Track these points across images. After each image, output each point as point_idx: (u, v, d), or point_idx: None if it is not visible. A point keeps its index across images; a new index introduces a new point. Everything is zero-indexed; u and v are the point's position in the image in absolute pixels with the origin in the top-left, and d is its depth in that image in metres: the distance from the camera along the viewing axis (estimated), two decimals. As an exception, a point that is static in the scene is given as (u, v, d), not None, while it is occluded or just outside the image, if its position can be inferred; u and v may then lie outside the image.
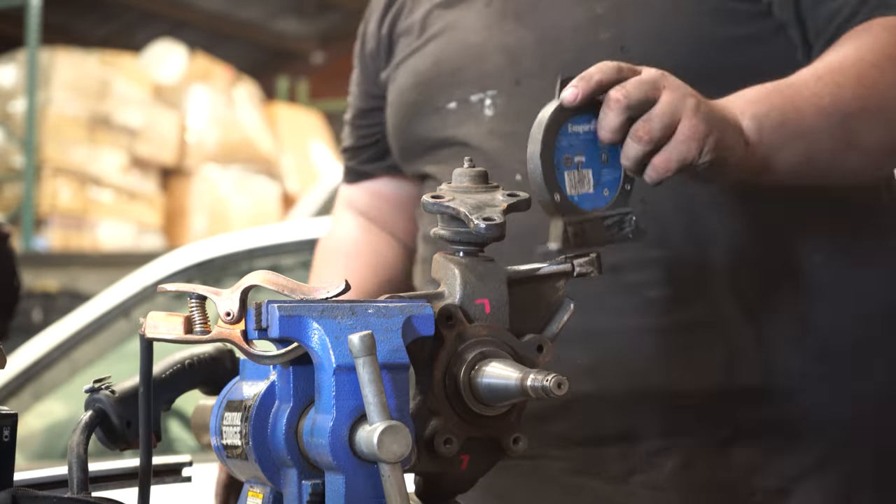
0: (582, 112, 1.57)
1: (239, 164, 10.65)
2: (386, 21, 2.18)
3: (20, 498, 1.44)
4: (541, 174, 1.54)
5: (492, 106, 1.97)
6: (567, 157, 1.56)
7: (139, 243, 10.07)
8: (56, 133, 9.83)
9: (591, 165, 1.57)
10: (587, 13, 1.92)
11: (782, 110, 1.69)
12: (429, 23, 2.10)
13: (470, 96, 1.99)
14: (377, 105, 2.21)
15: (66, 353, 4.22)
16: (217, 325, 1.40)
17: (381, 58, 2.18)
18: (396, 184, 2.26)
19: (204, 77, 10.88)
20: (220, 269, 4.25)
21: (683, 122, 1.55)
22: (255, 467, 1.45)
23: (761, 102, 1.68)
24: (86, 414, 1.59)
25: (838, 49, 1.81)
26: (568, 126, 1.56)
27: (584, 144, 1.57)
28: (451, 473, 1.47)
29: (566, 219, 1.54)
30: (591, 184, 1.56)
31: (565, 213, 1.54)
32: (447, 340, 1.44)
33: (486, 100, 1.98)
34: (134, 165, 10.21)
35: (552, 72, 1.89)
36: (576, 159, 1.56)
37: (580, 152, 1.56)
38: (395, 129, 2.13)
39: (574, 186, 1.56)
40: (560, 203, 1.54)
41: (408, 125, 2.09)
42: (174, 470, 1.78)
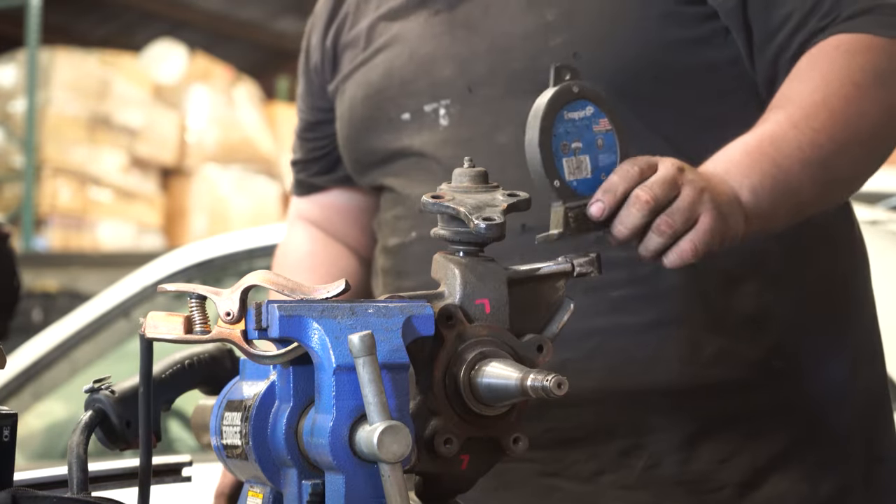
0: (576, 99, 1.58)
1: (239, 164, 10.65)
2: (329, 34, 2.18)
3: (20, 498, 1.44)
4: (540, 161, 1.55)
5: (446, 115, 1.98)
6: (564, 143, 1.57)
7: (139, 243, 10.07)
8: (56, 133, 9.83)
9: (588, 151, 1.59)
10: (537, 20, 1.93)
11: (773, 176, 1.72)
12: (374, 34, 2.10)
13: (423, 106, 2.00)
14: (325, 118, 2.22)
15: (66, 353, 4.22)
16: (217, 325, 1.40)
17: (327, 70, 2.19)
18: (348, 195, 2.27)
19: (204, 77, 10.88)
20: (220, 269, 4.24)
21: (703, 216, 1.61)
22: (255, 467, 1.45)
23: (753, 172, 1.71)
24: (86, 414, 1.59)
25: (802, 81, 1.82)
26: (564, 113, 1.58)
27: (580, 130, 1.58)
28: (451, 473, 1.47)
29: (567, 205, 1.55)
30: (589, 169, 1.58)
31: (565, 198, 1.56)
32: (447, 340, 1.44)
33: (440, 109, 1.99)
34: (134, 165, 10.21)
35: (503, 79, 1.93)
36: (573, 145, 1.58)
37: (577, 138, 1.58)
38: (348, 142, 2.14)
39: (572, 172, 1.57)
40: (560, 189, 1.56)
41: (361, 138, 2.10)
42: (174, 470, 1.78)
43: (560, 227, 1.56)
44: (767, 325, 1.92)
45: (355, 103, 2.10)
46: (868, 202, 4.08)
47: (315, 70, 2.22)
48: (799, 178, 1.75)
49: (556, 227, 1.56)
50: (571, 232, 1.55)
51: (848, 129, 1.79)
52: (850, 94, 1.80)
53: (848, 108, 1.79)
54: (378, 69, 2.07)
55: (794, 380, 1.93)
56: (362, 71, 2.10)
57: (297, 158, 2.32)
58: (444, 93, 1.99)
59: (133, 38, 12.75)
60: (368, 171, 2.11)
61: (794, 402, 1.93)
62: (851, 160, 1.82)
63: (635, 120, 1.83)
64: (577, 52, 1.89)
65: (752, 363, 1.91)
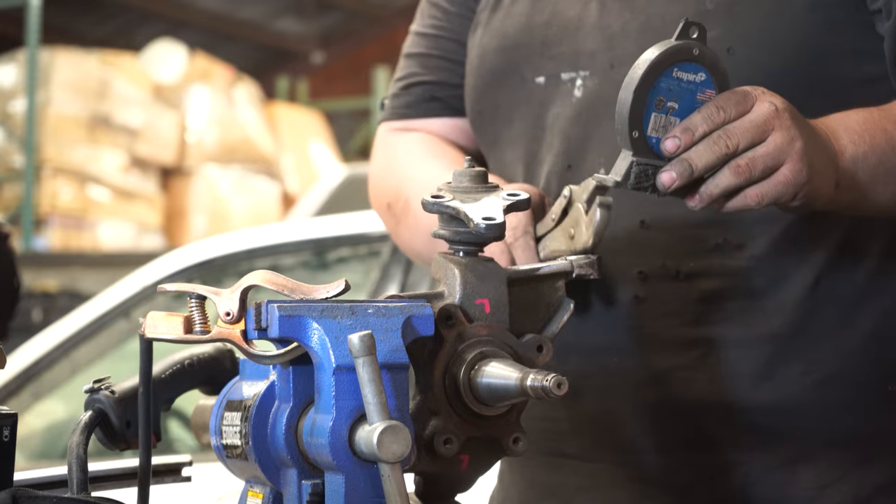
0: (692, 60, 1.55)
1: (239, 164, 10.66)
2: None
3: (20, 498, 1.44)
4: (628, 107, 1.52)
5: (582, 87, 1.87)
6: (661, 98, 1.53)
7: (139, 243, 10.08)
8: (56, 133, 9.84)
9: (682, 115, 1.54)
10: (697, 6, 1.82)
11: (882, 151, 1.67)
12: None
13: (561, 73, 1.89)
14: None
15: (66, 353, 4.22)
16: (217, 325, 1.40)
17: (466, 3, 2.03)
18: None
19: (204, 77, 10.88)
20: (220, 269, 4.25)
21: (787, 166, 1.56)
22: (255, 467, 1.45)
23: (863, 141, 1.66)
24: (86, 414, 1.59)
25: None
26: (674, 69, 1.54)
27: (683, 93, 1.54)
28: (451, 473, 1.47)
29: (636, 157, 1.53)
30: None
31: (638, 151, 1.53)
32: (447, 340, 1.44)
33: (577, 80, 1.88)
34: (134, 165, 10.22)
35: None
36: (669, 104, 1.54)
37: (676, 98, 1.54)
38: (474, 91, 1.98)
39: (657, 129, 1.54)
40: (636, 140, 1.52)
41: (488, 91, 1.96)
42: (174, 470, 1.78)
43: (619, 177, 1.52)
44: (886, 349, 1.83)
45: (486, 53, 1.96)
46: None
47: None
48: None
49: (616, 175, 1.53)
50: (629, 186, 1.52)
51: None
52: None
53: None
54: (516, 21, 1.94)
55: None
56: (498, 17, 1.96)
57: (432, 79, 2.04)
58: (584, 63, 1.87)
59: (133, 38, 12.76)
60: (488, 128, 1.97)
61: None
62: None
63: None
64: (731, 48, 1.79)
65: (865, 386, 1.82)
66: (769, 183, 1.56)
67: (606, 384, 1.83)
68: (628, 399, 1.82)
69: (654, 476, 1.84)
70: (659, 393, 1.81)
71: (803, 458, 1.81)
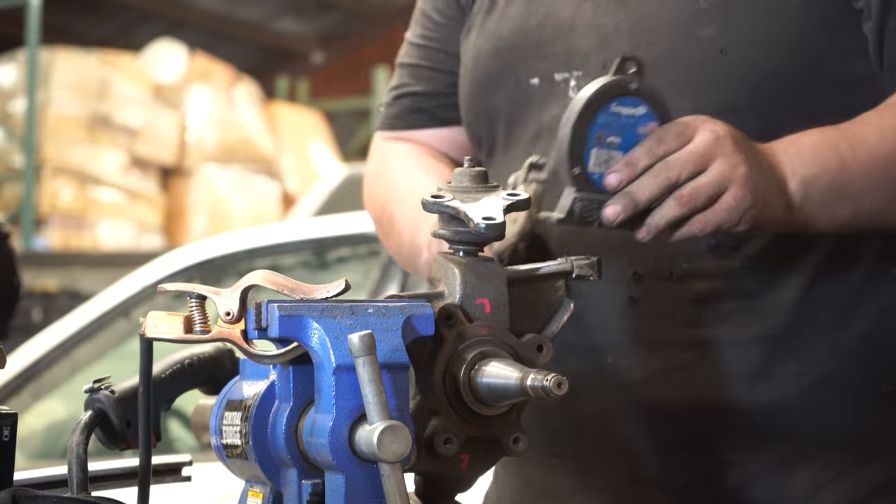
0: (631, 94, 1.55)
1: (239, 164, 10.65)
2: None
3: (20, 498, 1.44)
4: (567, 145, 1.52)
5: (576, 87, 1.86)
6: (601, 133, 1.54)
7: (139, 243, 10.08)
8: (56, 133, 9.84)
9: (624, 148, 1.55)
10: (691, 6, 1.81)
11: (834, 173, 1.66)
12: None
13: (555, 74, 1.89)
14: None
15: (66, 353, 4.23)
16: (217, 325, 1.40)
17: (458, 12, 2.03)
18: None
19: (204, 77, 10.88)
20: (220, 269, 4.25)
21: (730, 192, 1.57)
22: (255, 467, 1.45)
23: (815, 163, 1.66)
24: (86, 414, 1.59)
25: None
26: (612, 104, 1.54)
27: (623, 127, 1.55)
28: (451, 473, 1.47)
29: (579, 194, 1.53)
30: None
31: (580, 187, 1.53)
32: (447, 340, 1.44)
33: (570, 80, 1.87)
34: (134, 165, 10.22)
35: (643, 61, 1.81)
36: (609, 139, 1.54)
37: (616, 133, 1.55)
38: (469, 95, 1.99)
39: (598, 164, 1.54)
40: (577, 176, 1.53)
41: (483, 94, 1.96)
42: (174, 470, 1.78)
43: (563, 214, 1.53)
44: (881, 350, 1.83)
45: (480, 55, 1.96)
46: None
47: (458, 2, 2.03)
48: (863, 185, 1.68)
49: (559, 212, 1.54)
50: (573, 221, 1.53)
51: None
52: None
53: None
54: (510, 23, 1.94)
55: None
56: (493, 19, 1.97)
57: (421, 90, 2.06)
58: (578, 63, 1.86)
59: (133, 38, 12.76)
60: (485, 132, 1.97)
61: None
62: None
63: (772, 128, 1.73)
64: (724, 48, 1.78)
65: (861, 387, 1.82)
66: (713, 211, 1.57)
67: (602, 385, 1.83)
68: (623, 400, 1.82)
69: (649, 477, 1.84)
70: (654, 394, 1.81)
71: (799, 458, 1.82)
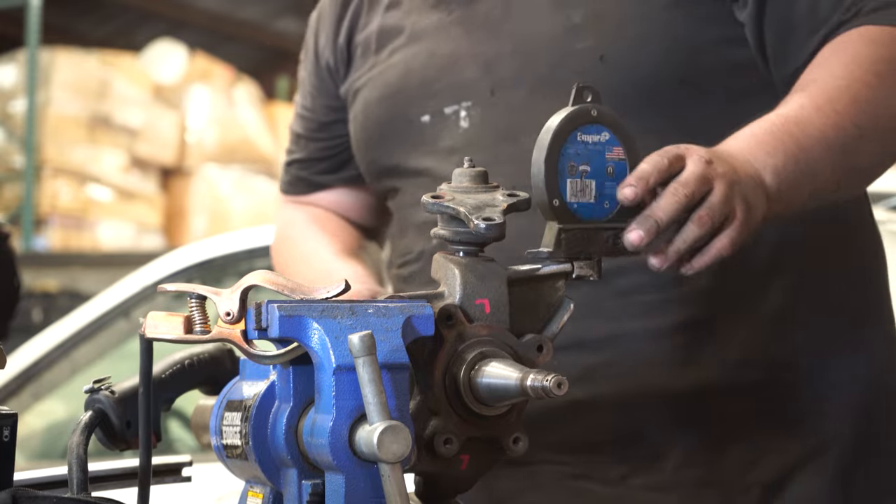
0: (593, 122, 1.57)
1: (239, 164, 10.65)
2: (341, 33, 2.14)
3: (20, 498, 1.44)
4: (543, 178, 1.54)
5: (467, 118, 1.94)
6: (572, 164, 1.55)
7: (139, 243, 10.07)
8: (56, 133, 9.84)
9: (596, 177, 1.56)
10: (564, 21, 1.90)
11: (795, 157, 1.70)
12: (388, 34, 2.06)
13: (444, 108, 1.96)
14: (338, 117, 2.17)
15: (66, 353, 4.23)
16: (217, 325, 1.40)
17: (341, 70, 2.15)
18: (355, 194, 2.23)
19: (204, 77, 10.87)
20: (220, 269, 4.25)
21: (737, 211, 1.59)
22: (255, 467, 1.45)
23: (777, 152, 1.69)
24: (86, 414, 1.59)
25: (825, 67, 1.81)
26: (577, 134, 1.56)
27: (592, 155, 1.56)
28: (451, 473, 1.47)
29: (562, 225, 1.54)
30: (593, 194, 1.56)
31: (562, 219, 1.54)
32: (447, 340, 1.44)
33: (461, 111, 1.95)
34: (134, 165, 10.22)
35: (528, 82, 1.90)
36: (580, 168, 1.56)
37: (586, 161, 1.56)
38: (364, 145, 2.09)
39: (575, 194, 1.55)
40: (557, 208, 1.54)
41: (378, 140, 2.05)
42: (174, 470, 1.79)
43: (551, 247, 1.54)
44: (793, 326, 1.91)
45: (370, 105, 2.06)
46: (868, 202, 4.08)
47: (328, 70, 2.17)
48: (821, 161, 1.73)
49: (547, 246, 1.55)
50: (562, 253, 1.54)
51: (870, 116, 1.78)
52: (873, 83, 1.79)
53: (871, 97, 1.78)
54: (395, 69, 2.03)
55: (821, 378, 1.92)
56: (378, 70, 2.06)
57: (299, 157, 2.26)
58: (465, 94, 1.95)
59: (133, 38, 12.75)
60: (386, 176, 2.07)
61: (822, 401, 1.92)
62: (872, 148, 1.81)
63: (661, 123, 1.82)
64: (603, 55, 1.86)
65: (780, 363, 1.91)
66: (733, 228, 1.59)
67: None
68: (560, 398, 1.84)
69: (588, 472, 1.89)
70: (587, 390, 1.86)
71: (729, 437, 1.89)
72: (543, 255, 1.54)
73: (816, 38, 1.85)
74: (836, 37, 1.84)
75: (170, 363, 1.67)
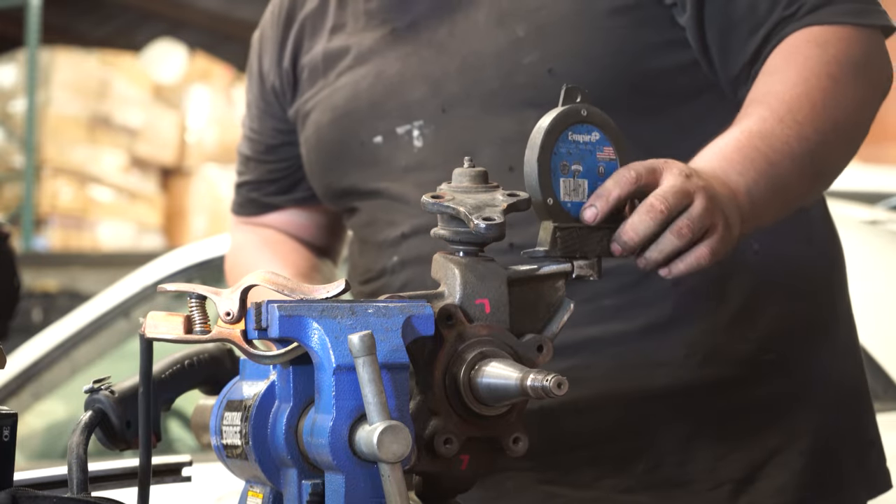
0: (583, 122, 1.57)
1: (239, 165, 10.63)
2: (285, 56, 2.15)
3: (20, 498, 1.44)
4: (536, 177, 1.54)
5: (420, 137, 1.95)
6: (564, 163, 1.56)
7: (139, 243, 10.07)
8: (56, 133, 9.83)
9: (588, 176, 1.57)
10: (508, 36, 1.91)
11: (766, 174, 1.72)
12: (333, 56, 2.06)
13: (396, 128, 1.97)
14: (287, 140, 2.18)
15: (66, 353, 4.22)
16: (217, 325, 1.41)
17: (287, 94, 2.15)
18: (307, 214, 2.24)
19: (204, 77, 10.87)
20: (219, 269, 4.23)
21: (717, 225, 1.60)
22: (255, 467, 1.45)
23: (748, 170, 1.70)
24: (86, 414, 1.59)
25: (778, 76, 1.83)
26: (568, 133, 1.57)
27: (583, 154, 1.57)
28: (451, 473, 1.47)
29: (557, 224, 1.54)
30: (586, 193, 1.57)
31: (556, 217, 1.55)
32: (447, 340, 1.44)
33: (413, 130, 1.96)
34: (134, 165, 10.21)
35: (478, 99, 1.91)
36: (573, 167, 1.57)
37: (578, 161, 1.57)
38: (318, 167, 2.10)
39: (568, 193, 1.56)
40: (552, 207, 1.55)
41: (332, 163, 2.06)
42: (174, 470, 1.79)
43: (547, 246, 1.55)
44: (755, 322, 1.94)
45: (321, 128, 2.06)
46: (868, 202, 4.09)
47: (274, 92, 2.18)
48: (789, 173, 1.75)
49: (543, 245, 1.55)
50: (558, 252, 1.55)
51: (830, 121, 1.80)
52: (827, 87, 1.80)
53: (828, 101, 1.80)
54: (342, 92, 2.04)
55: (784, 374, 1.95)
56: (325, 94, 2.07)
57: (249, 179, 2.27)
58: (416, 114, 1.96)
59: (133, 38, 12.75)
60: (343, 198, 2.08)
61: (786, 396, 1.95)
62: (834, 152, 1.83)
63: None
64: (551, 68, 1.88)
65: (742, 360, 1.93)
66: (713, 239, 1.59)
67: None
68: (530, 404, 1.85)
69: (559, 476, 1.90)
70: None
71: (698, 434, 1.91)
72: (539, 254, 1.55)
73: (758, 36, 1.86)
74: (780, 38, 1.85)
75: (170, 363, 1.67)
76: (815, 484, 1.94)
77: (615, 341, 1.89)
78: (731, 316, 1.93)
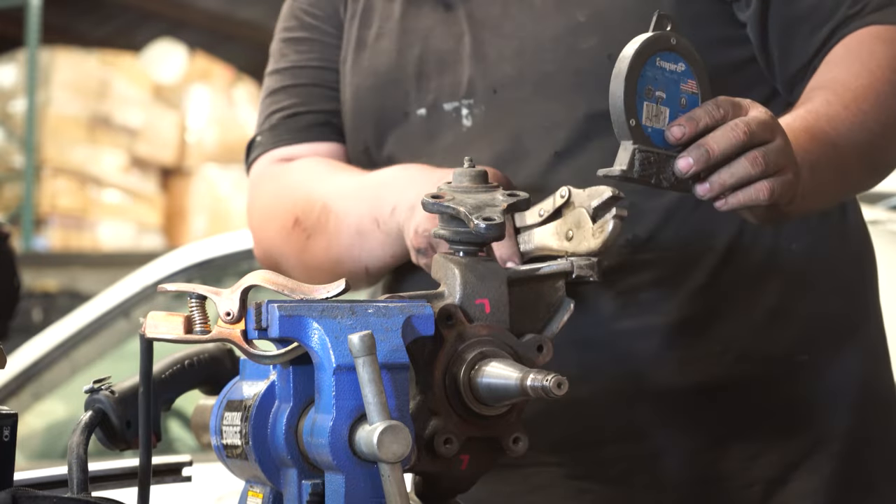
0: (672, 50, 1.56)
1: (239, 164, 10.59)
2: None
3: (20, 498, 1.44)
4: (622, 97, 1.52)
5: (469, 116, 1.92)
6: (649, 88, 1.54)
7: (139, 243, 10.07)
8: (56, 133, 9.83)
9: (670, 105, 1.55)
10: (568, 21, 1.89)
11: (829, 156, 1.71)
12: (374, 15, 2.01)
13: (443, 104, 1.94)
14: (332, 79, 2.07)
15: (66, 353, 4.23)
16: (217, 325, 1.40)
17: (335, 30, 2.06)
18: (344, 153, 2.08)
19: (204, 77, 10.87)
20: (220, 269, 4.25)
21: (787, 170, 1.58)
22: (255, 467, 1.45)
23: (814, 148, 1.69)
24: (86, 414, 1.59)
25: (843, 66, 1.82)
26: (656, 59, 1.55)
27: (667, 83, 1.55)
28: (451, 473, 1.47)
29: (637, 145, 1.53)
30: (666, 122, 1.54)
31: (637, 139, 1.53)
32: (447, 340, 1.44)
33: (462, 109, 1.93)
34: (134, 165, 10.21)
35: (532, 81, 1.89)
36: (657, 93, 1.54)
37: (662, 88, 1.55)
38: (357, 133, 2.03)
39: (650, 118, 1.54)
40: (634, 128, 1.52)
41: (371, 129, 2.00)
42: (174, 470, 1.78)
43: (624, 166, 1.51)
44: (790, 322, 1.92)
45: (360, 92, 2.01)
46: (868, 202, 4.09)
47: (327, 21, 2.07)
48: (850, 159, 1.74)
49: (620, 165, 1.52)
50: (634, 173, 1.52)
51: (891, 115, 1.79)
52: (892, 81, 1.80)
53: (892, 95, 1.79)
54: (385, 57, 1.99)
55: (817, 375, 1.93)
56: (365, 56, 2.01)
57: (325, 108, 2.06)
58: (466, 92, 1.93)
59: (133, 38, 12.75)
60: (377, 165, 2.01)
61: (819, 398, 1.93)
62: (893, 147, 1.83)
63: None
64: (611, 54, 1.79)
65: (775, 360, 1.91)
66: (779, 179, 1.57)
67: None
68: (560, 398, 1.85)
69: (589, 472, 1.89)
70: (588, 389, 1.85)
71: (731, 433, 1.89)
72: (616, 173, 1.52)
73: (822, 33, 1.86)
74: (844, 34, 1.85)
75: (170, 363, 1.67)
76: (845, 488, 1.92)
77: (648, 335, 1.87)
78: (766, 314, 1.91)
